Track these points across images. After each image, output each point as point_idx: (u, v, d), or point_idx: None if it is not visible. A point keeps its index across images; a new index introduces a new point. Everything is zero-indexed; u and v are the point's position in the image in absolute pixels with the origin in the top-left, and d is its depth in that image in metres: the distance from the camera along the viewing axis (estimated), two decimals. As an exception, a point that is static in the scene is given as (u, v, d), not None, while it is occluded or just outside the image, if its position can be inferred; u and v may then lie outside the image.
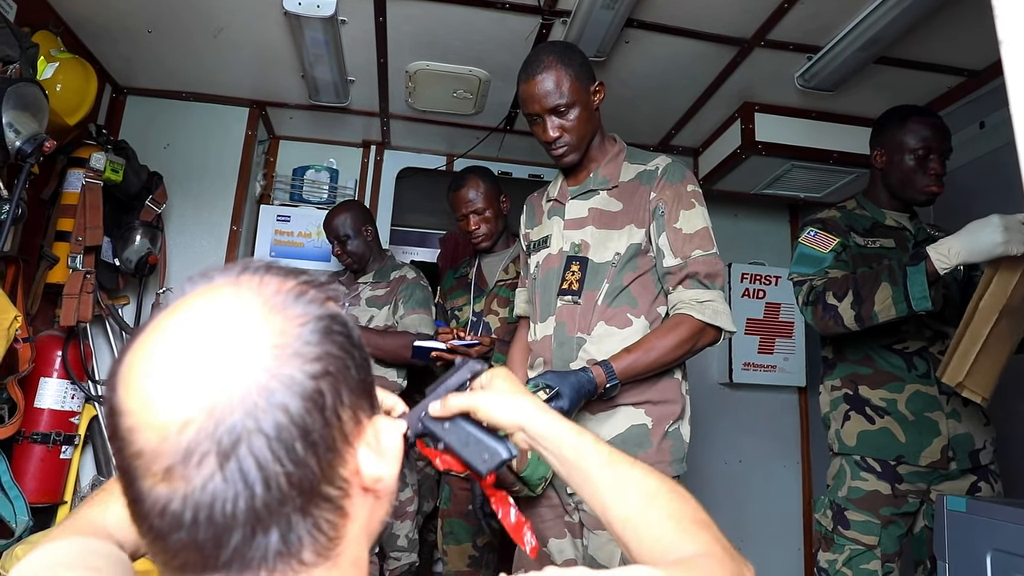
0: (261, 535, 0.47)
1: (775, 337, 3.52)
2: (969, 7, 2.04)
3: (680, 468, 1.63)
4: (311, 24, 2.29)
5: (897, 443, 1.89)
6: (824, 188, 3.14)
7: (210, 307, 0.50)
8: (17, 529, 2.07)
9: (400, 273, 2.72)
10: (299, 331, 0.50)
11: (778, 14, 2.19)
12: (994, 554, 1.44)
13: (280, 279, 0.53)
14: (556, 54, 1.65)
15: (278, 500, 0.47)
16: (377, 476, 0.54)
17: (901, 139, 1.98)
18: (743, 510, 3.47)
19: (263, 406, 0.46)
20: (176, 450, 0.45)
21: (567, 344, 1.67)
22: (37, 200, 2.39)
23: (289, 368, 0.48)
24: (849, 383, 1.99)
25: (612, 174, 1.74)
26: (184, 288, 0.52)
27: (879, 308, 1.74)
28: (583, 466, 0.75)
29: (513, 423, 0.78)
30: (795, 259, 2.04)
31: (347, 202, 2.84)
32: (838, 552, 1.91)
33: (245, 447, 0.46)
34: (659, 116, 3.01)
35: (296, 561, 0.49)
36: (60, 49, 2.28)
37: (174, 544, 0.47)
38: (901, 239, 2.02)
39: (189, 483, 0.45)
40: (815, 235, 2.01)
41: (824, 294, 1.87)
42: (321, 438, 0.49)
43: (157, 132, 2.96)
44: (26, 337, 2.07)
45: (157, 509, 0.46)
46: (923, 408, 1.89)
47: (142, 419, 0.47)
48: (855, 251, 1.99)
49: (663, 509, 0.69)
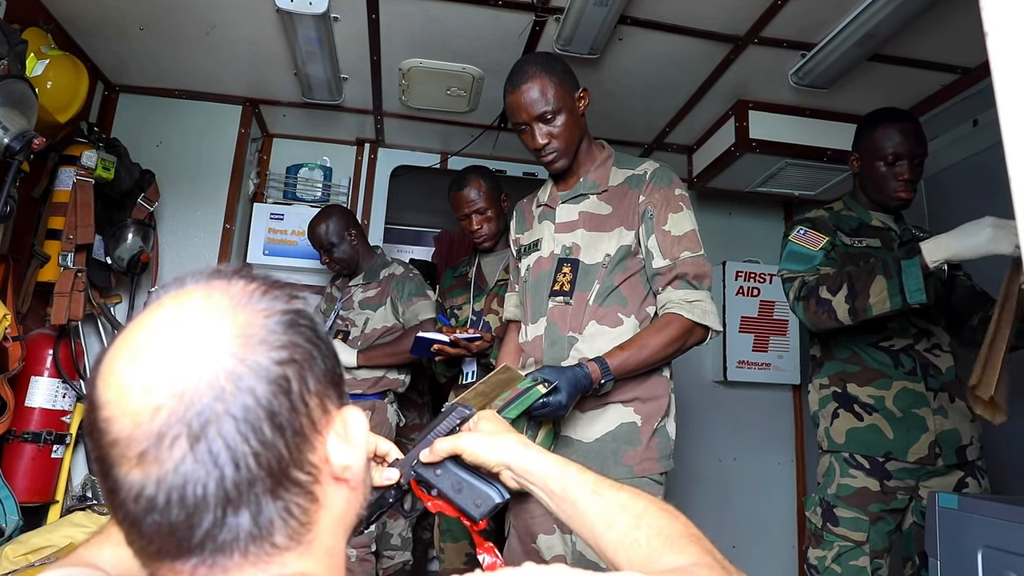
0: (232, 515, 0.49)
1: (769, 335, 3.52)
2: (962, 4, 2.05)
3: (668, 464, 1.66)
4: (304, 21, 2.29)
5: (885, 440, 1.90)
6: (818, 186, 3.15)
7: (182, 306, 0.53)
8: (7, 528, 2.06)
9: (389, 271, 2.72)
10: (265, 322, 0.53)
11: (772, 11, 2.19)
12: (985, 551, 1.44)
13: (247, 280, 0.56)
14: (539, 64, 1.70)
15: (248, 480, 0.49)
16: (345, 464, 0.56)
17: (873, 144, 1.99)
18: (737, 508, 3.48)
19: (231, 390, 0.49)
20: (149, 434, 0.48)
21: (559, 343, 1.70)
22: (28, 198, 2.38)
23: (255, 355, 0.51)
24: (837, 381, 2.00)
25: (601, 178, 1.77)
26: (159, 293, 0.56)
27: (874, 301, 1.74)
28: (571, 498, 0.76)
29: (498, 462, 0.81)
30: (785, 256, 2.05)
31: (327, 209, 2.80)
32: (827, 549, 1.92)
33: (214, 429, 0.48)
34: (653, 114, 3.00)
35: (269, 544, 0.51)
36: (51, 46, 2.26)
37: (149, 528, 0.49)
38: (887, 239, 2.03)
39: (162, 466, 0.48)
40: (805, 233, 2.02)
41: (817, 289, 1.87)
42: (288, 422, 0.51)
43: (150, 130, 2.95)
44: (16, 336, 2.07)
45: (132, 494, 0.49)
46: (911, 404, 1.90)
47: (117, 409, 0.49)
48: (842, 250, 2.01)
49: (651, 527, 0.70)
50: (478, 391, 1.48)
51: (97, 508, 2.31)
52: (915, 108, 2.77)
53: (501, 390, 1.48)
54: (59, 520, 2.28)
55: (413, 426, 3.00)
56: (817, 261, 1.97)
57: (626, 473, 1.60)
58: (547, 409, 1.46)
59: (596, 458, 1.62)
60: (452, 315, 2.75)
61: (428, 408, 3.14)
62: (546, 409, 1.46)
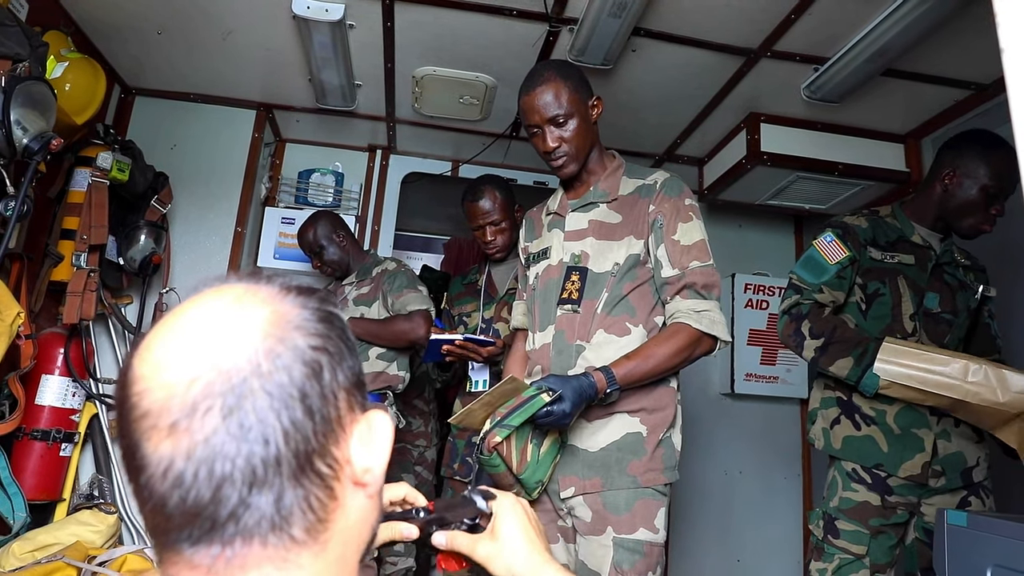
0: (256, 495, 0.49)
1: (778, 348, 3.50)
2: (976, 20, 2.04)
3: (672, 475, 1.65)
4: (319, 28, 2.31)
5: (879, 452, 1.91)
6: (829, 200, 3.14)
7: (221, 296, 0.55)
8: (15, 525, 2.07)
9: (381, 268, 2.72)
10: (301, 312, 0.55)
11: (785, 24, 2.20)
12: (995, 570, 1.43)
13: (283, 281, 0.58)
14: (555, 68, 1.72)
15: (275, 459, 0.50)
16: (367, 467, 0.57)
17: (978, 169, 1.90)
18: (742, 522, 3.45)
19: (267, 368, 0.51)
20: (183, 404, 0.49)
21: (566, 351, 1.69)
22: (44, 198, 2.40)
23: (293, 337, 0.53)
24: (845, 388, 2.00)
25: (611, 187, 1.77)
26: (198, 288, 0.57)
27: (833, 368, 1.90)
28: None
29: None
30: (803, 260, 2.04)
31: (314, 215, 2.83)
32: (828, 561, 1.93)
33: (249, 403, 0.49)
34: (665, 125, 3.01)
35: (288, 536, 0.51)
36: (70, 49, 2.30)
37: (175, 508, 0.49)
38: (923, 257, 1.99)
39: (192, 437, 0.48)
40: (831, 242, 1.99)
41: (803, 319, 1.94)
42: (318, 409, 0.52)
43: (164, 133, 2.97)
44: (28, 334, 2.08)
45: (161, 470, 0.49)
46: (911, 424, 1.91)
47: (152, 382, 0.50)
48: (868, 264, 1.98)
49: None
50: (484, 401, 1.48)
51: (104, 507, 2.32)
52: (928, 124, 2.77)
53: (506, 399, 1.48)
54: (66, 518, 2.29)
55: (418, 433, 2.99)
56: (824, 279, 1.97)
57: (630, 483, 1.59)
58: (551, 418, 1.45)
59: (601, 467, 1.61)
60: (461, 322, 2.75)
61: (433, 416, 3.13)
62: (550, 418, 1.45)
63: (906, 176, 2.86)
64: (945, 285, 1.99)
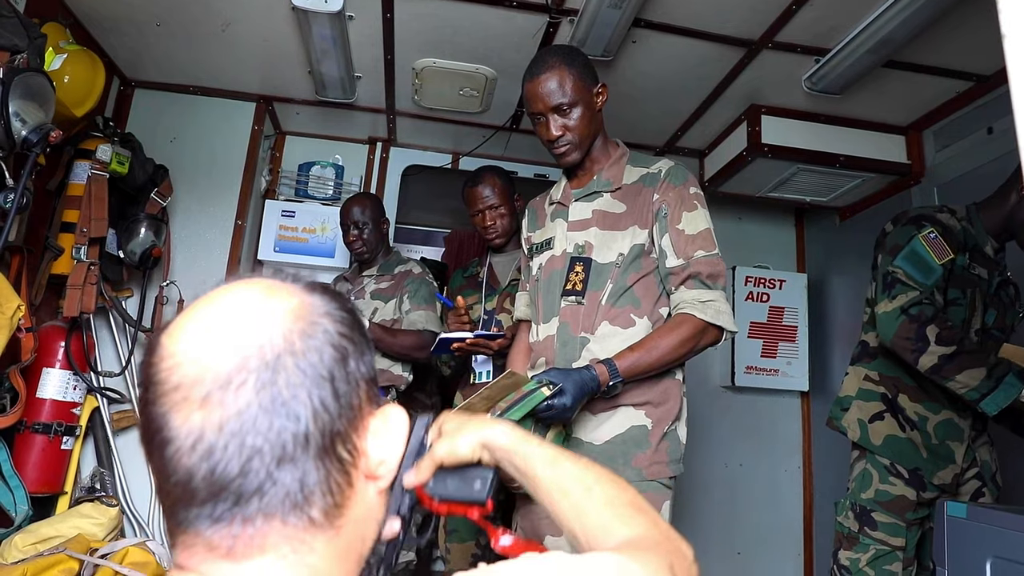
0: (283, 470, 0.50)
1: (778, 341, 3.51)
2: (977, 11, 2.04)
3: (677, 468, 1.64)
4: (319, 20, 2.30)
5: (920, 457, 1.93)
6: (830, 192, 3.13)
7: (250, 286, 0.57)
8: (17, 518, 2.08)
9: (405, 267, 2.73)
10: (329, 303, 0.58)
11: (786, 15, 2.19)
12: (994, 561, 1.43)
13: (307, 281, 0.60)
14: (560, 55, 1.68)
15: (304, 436, 0.51)
16: (381, 459, 0.59)
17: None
18: (743, 514, 3.46)
19: (301, 347, 0.52)
20: (217, 377, 0.50)
21: (571, 344, 1.68)
22: (43, 191, 2.40)
23: (323, 322, 0.55)
24: (891, 386, 1.99)
25: (615, 176, 1.75)
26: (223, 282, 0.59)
27: (960, 379, 1.75)
28: (531, 473, 0.77)
29: (472, 448, 0.81)
30: (907, 254, 1.91)
31: (366, 193, 2.90)
32: (862, 551, 1.93)
33: (283, 379, 0.51)
34: (665, 117, 3.00)
35: (307, 517, 0.52)
36: (69, 41, 2.29)
37: (201, 481, 0.49)
38: (992, 271, 1.96)
39: (225, 409, 0.49)
40: (936, 238, 1.89)
41: (928, 323, 1.80)
42: (343, 393, 0.54)
43: (164, 125, 2.97)
44: (29, 327, 2.08)
45: (190, 442, 0.49)
46: (947, 436, 1.93)
47: (185, 356, 0.51)
48: (958, 272, 1.92)
49: (601, 497, 0.72)
50: (484, 395, 1.48)
51: (105, 500, 2.33)
52: (929, 115, 2.76)
53: (506, 393, 1.48)
54: (68, 511, 2.29)
55: (420, 426, 3.00)
56: (933, 279, 1.86)
57: (635, 476, 1.58)
58: (552, 412, 1.45)
59: (606, 460, 1.60)
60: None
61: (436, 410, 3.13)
62: (551, 412, 1.45)
63: (907, 168, 2.86)
64: (1001, 302, 1.99)
